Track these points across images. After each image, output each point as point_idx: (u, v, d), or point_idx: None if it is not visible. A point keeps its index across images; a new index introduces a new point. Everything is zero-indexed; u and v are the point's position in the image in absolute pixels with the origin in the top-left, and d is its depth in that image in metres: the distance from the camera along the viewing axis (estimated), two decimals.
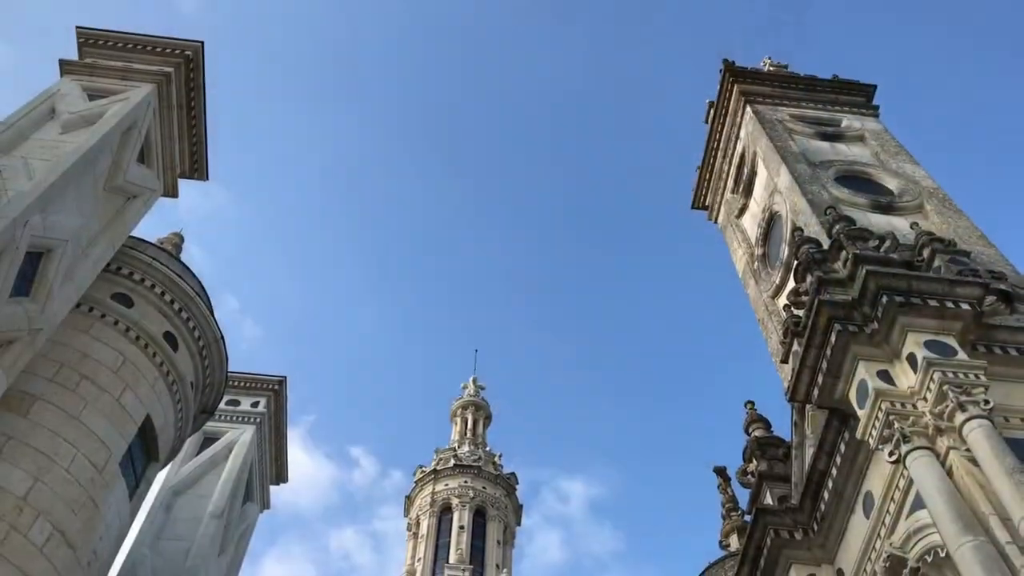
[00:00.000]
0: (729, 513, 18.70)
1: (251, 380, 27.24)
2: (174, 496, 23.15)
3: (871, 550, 11.76)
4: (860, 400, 11.53)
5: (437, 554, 30.78)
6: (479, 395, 39.58)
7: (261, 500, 26.65)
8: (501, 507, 32.82)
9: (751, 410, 16.60)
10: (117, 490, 15.76)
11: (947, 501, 9.78)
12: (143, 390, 16.98)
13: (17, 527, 13.62)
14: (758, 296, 19.73)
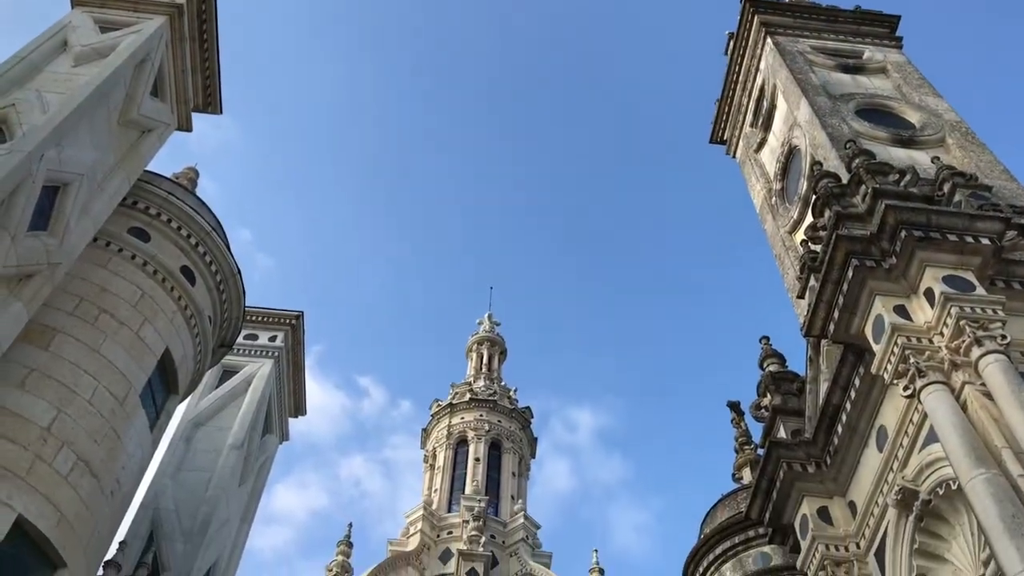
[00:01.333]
0: (742, 447, 18.85)
1: (268, 315, 27.48)
2: (194, 428, 23.56)
3: (883, 483, 11.85)
4: (876, 335, 11.49)
5: (453, 485, 31.27)
6: (494, 331, 39.79)
7: (280, 432, 27.09)
8: (516, 440, 33.20)
9: (766, 345, 16.61)
10: (138, 421, 16.03)
11: (961, 435, 9.80)
12: (161, 324, 17.16)
13: (42, 456, 13.90)
14: (775, 231, 19.60)
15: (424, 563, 26.81)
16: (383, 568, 25.64)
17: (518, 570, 27.02)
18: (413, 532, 28.00)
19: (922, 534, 11.02)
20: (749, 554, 15.63)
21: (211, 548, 21.17)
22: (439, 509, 29.53)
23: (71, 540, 13.79)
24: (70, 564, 13.72)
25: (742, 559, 15.66)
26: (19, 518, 13.11)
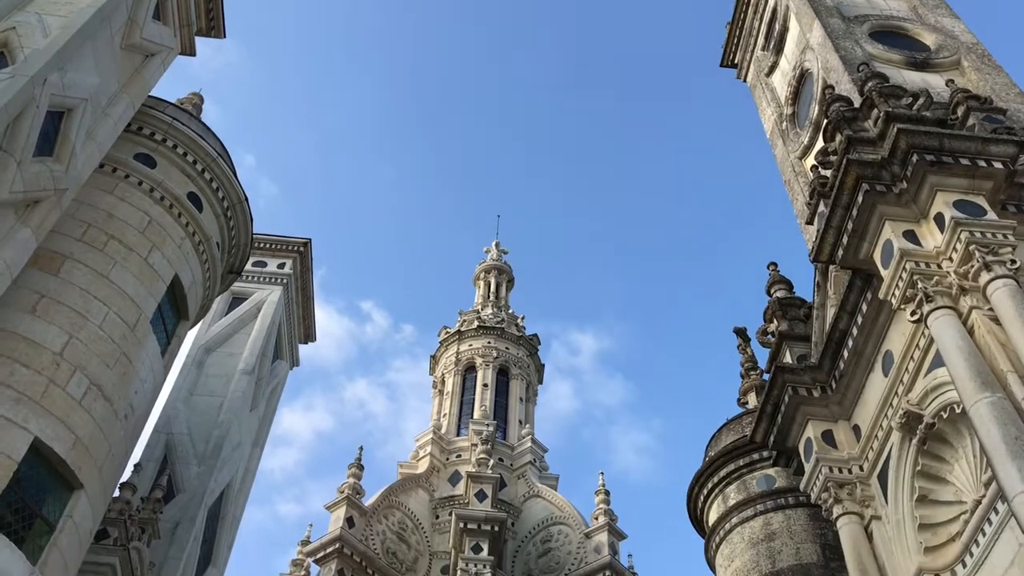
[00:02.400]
0: (748, 372, 18.95)
1: (276, 242, 27.53)
2: (205, 354, 23.82)
3: (888, 407, 11.95)
4: (884, 260, 11.46)
5: (462, 410, 31.65)
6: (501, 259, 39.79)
7: (290, 358, 27.37)
8: (524, 366, 33.49)
9: (774, 271, 16.59)
10: (149, 346, 16.20)
11: (966, 359, 9.85)
12: (170, 250, 17.21)
13: (56, 381, 14.10)
14: (785, 157, 19.42)
15: (434, 485, 27.33)
16: (394, 489, 26.13)
17: (525, 492, 27.53)
18: (423, 455, 28.45)
19: (925, 456, 11.16)
20: (753, 476, 15.87)
21: (224, 470, 21.61)
22: (448, 433, 29.96)
23: (87, 462, 14.07)
24: (86, 485, 14.02)
25: (746, 481, 15.89)
26: (35, 441, 13.36)
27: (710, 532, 16.36)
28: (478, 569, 22.19)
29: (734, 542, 15.41)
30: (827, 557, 14.06)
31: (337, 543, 22.54)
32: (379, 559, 23.62)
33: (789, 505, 15.03)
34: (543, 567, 25.27)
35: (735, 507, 15.66)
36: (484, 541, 22.84)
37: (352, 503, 23.77)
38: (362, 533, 23.64)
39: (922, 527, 11.00)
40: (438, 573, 25.25)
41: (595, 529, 24.68)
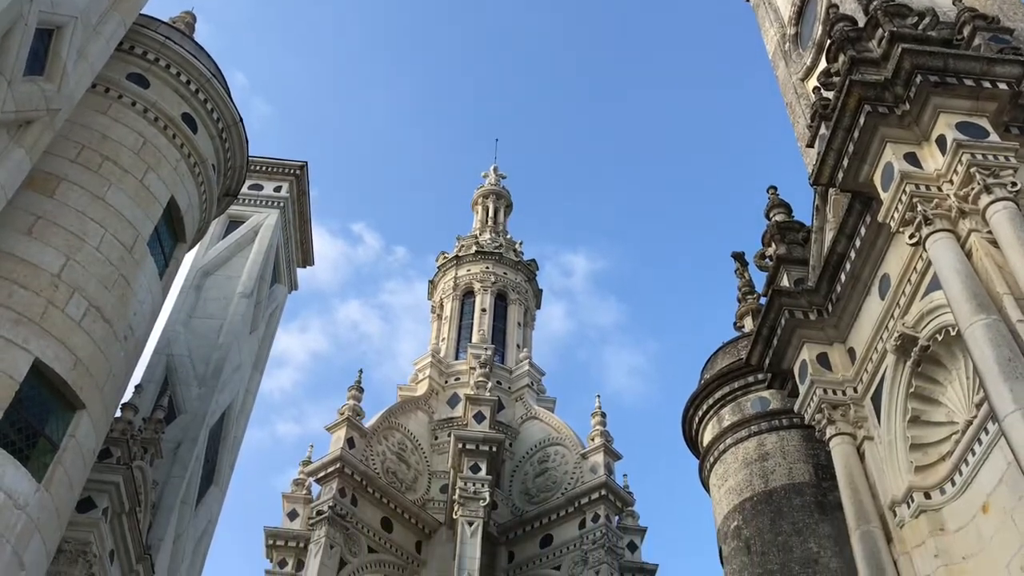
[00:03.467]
0: (745, 296, 19.01)
1: (272, 165, 27.34)
2: (204, 277, 23.86)
3: (883, 330, 12.03)
4: (885, 183, 11.40)
5: (460, 334, 31.84)
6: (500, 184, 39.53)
7: (288, 282, 27.43)
8: (522, 292, 33.58)
9: (773, 195, 16.51)
10: (147, 268, 16.21)
11: (963, 282, 9.87)
12: (165, 172, 17.09)
13: (54, 302, 14.13)
14: (787, 78, 19.13)
15: (433, 407, 27.66)
16: (393, 411, 26.46)
17: (523, 414, 27.89)
18: (422, 378, 28.72)
19: (918, 378, 11.28)
20: (748, 398, 16.05)
21: (225, 392, 21.84)
22: (447, 357, 30.19)
23: (88, 383, 14.19)
24: (88, 405, 14.18)
25: (740, 403, 16.09)
26: (36, 361, 13.46)
27: (704, 452, 16.62)
28: (476, 488, 22.60)
29: (728, 462, 15.67)
30: (819, 477, 14.31)
31: (338, 463, 22.90)
32: (379, 478, 24.04)
33: (783, 426, 15.24)
34: (540, 486, 25.74)
35: (729, 428, 15.88)
36: (482, 461, 23.22)
37: (352, 424, 24.08)
38: (362, 453, 24.01)
39: (913, 447, 11.17)
40: (437, 492, 25.73)
41: (591, 450, 25.07)
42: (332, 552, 21.84)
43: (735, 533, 14.65)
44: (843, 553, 12.86)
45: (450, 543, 23.48)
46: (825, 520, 13.76)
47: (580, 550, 23.28)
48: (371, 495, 23.57)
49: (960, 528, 10.39)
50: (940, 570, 10.25)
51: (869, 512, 11.38)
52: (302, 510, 25.73)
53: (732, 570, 14.50)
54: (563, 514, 24.22)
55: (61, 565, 14.88)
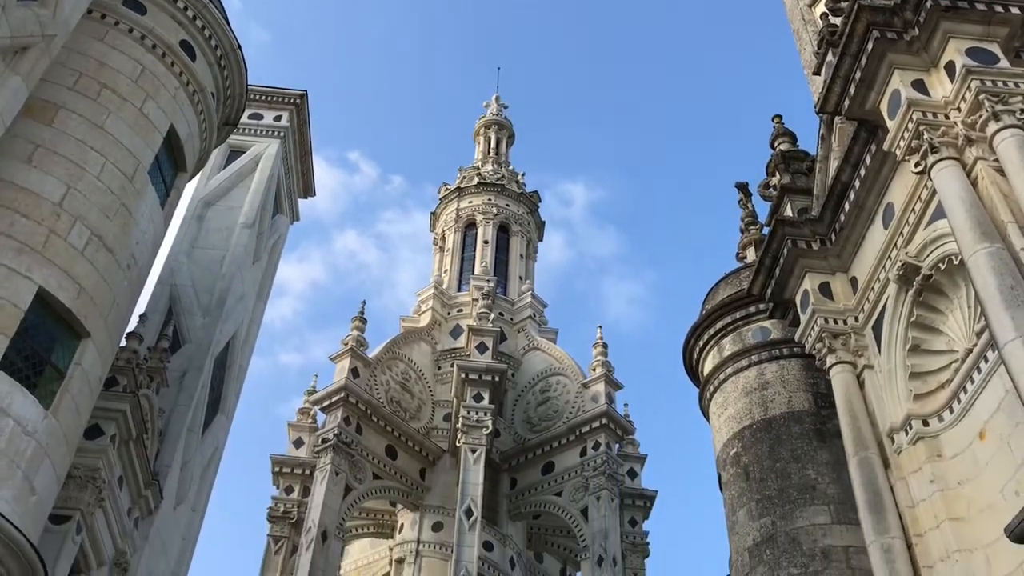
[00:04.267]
0: (748, 227, 18.94)
1: (272, 94, 27.04)
2: (205, 207, 23.80)
3: (886, 259, 12.02)
4: (891, 111, 11.27)
5: (463, 266, 31.87)
6: (502, 114, 39.10)
7: (290, 212, 27.35)
8: (524, 223, 33.50)
9: (778, 124, 16.34)
10: (148, 198, 16.15)
11: (968, 210, 9.82)
12: (164, 100, 16.90)
13: (56, 231, 14.12)
14: (795, 4, 18.78)
15: (436, 338, 27.84)
16: (397, 342, 26.64)
17: (525, 345, 28.07)
18: (424, 310, 28.86)
19: (920, 308, 11.31)
20: (749, 328, 16.10)
21: (229, 322, 21.95)
22: (449, 289, 30.28)
23: (92, 311, 14.26)
24: (93, 334, 14.26)
25: (742, 333, 16.15)
26: (40, 290, 13.50)
27: (704, 382, 16.75)
28: (479, 416, 22.88)
29: (728, 391, 15.79)
30: (818, 405, 14.44)
31: (342, 392, 23.15)
32: (383, 407, 24.32)
33: (783, 356, 15.31)
34: (542, 415, 26.05)
35: (730, 358, 15.97)
36: (485, 391, 23.46)
37: (356, 355, 24.27)
38: (366, 383, 24.25)
39: (913, 375, 11.26)
40: (440, 420, 26.05)
41: (592, 380, 25.30)
42: (337, 479, 22.21)
43: (734, 460, 14.85)
44: (841, 479, 13.04)
45: (453, 470, 23.87)
46: (823, 447, 13.93)
47: (581, 477, 23.67)
48: (375, 423, 23.87)
49: (956, 454, 10.53)
50: (936, 495, 10.41)
51: (867, 439, 11.53)
52: (307, 438, 26.11)
53: (731, 496, 14.73)
54: (564, 442, 24.56)
55: (71, 490, 15.15)
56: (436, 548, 23.53)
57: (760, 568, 13.24)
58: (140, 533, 17.75)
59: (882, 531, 10.60)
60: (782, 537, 13.22)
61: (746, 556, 13.68)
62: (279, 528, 24.30)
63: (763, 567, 13.18)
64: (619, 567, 21.98)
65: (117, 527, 16.72)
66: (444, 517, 23.87)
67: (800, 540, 13.02)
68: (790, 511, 13.40)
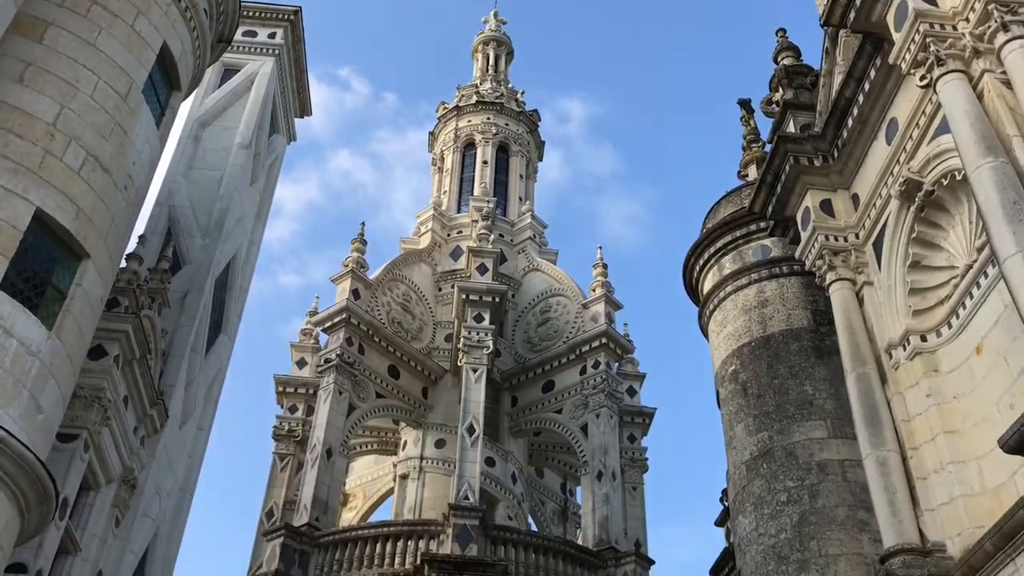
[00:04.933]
0: (750, 144, 18.77)
1: (266, 10, 26.49)
2: (201, 127, 23.53)
3: (888, 176, 11.94)
4: (898, 22, 11.05)
5: (462, 187, 31.61)
6: (501, 30, 38.30)
7: (287, 132, 27.06)
8: (523, 143, 33.12)
9: (782, 38, 16.05)
10: (143, 117, 15.94)
11: (972, 124, 9.71)
12: (156, 16, 16.54)
13: (52, 152, 13.97)
14: None
15: (436, 260, 27.82)
16: (397, 264, 26.62)
17: (525, 266, 28.07)
18: (424, 231, 28.76)
19: (921, 224, 11.29)
20: (749, 247, 16.09)
21: (228, 243, 21.92)
22: (448, 210, 30.11)
23: (91, 232, 14.20)
24: (93, 255, 14.22)
25: (742, 251, 16.14)
26: (38, 211, 13.41)
27: (704, 300, 16.81)
28: (480, 337, 23.03)
29: (727, 309, 15.86)
30: (817, 322, 14.51)
31: (344, 313, 23.25)
32: (385, 328, 24.46)
33: (783, 274, 15.33)
34: (542, 335, 26.22)
35: (730, 276, 15.99)
36: (485, 311, 23.55)
37: (357, 276, 24.31)
38: (367, 304, 24.34)
39: (912, 292, 11.30)
40: (442, 341, 26.23)
41: (592, 300, 25.38)
42: (341, 398, 22.47)
43: (732, 377, 14.99)
44: (838, 395, 13.19)
45: (455, 389, 24.14)
46: (821, 364, 14.04)
47: (581, 395, 23.94)
48: (377, 344, 24.04)
49: (953, 369, 10.64)
50: (931, 409, 10.55)
51: (865, 355, 11.62)
52: (310, 359, 26.32)
53: (728, 412, 14.92)
54: (564, 361, 24.77)
55: (77, 410, 15.32)
56: (439, 464, 23.94)
57: (757, 481, 13.49)
58: (147, 451, 18.05)
59: (878, 444, 10.77)
60: (779, 451, 13.44)
61: (743, 470, 13.92)
62: (284, 446, 24.68)
63: (760, 480, 13.43)
64: (618, 481, 22.41)
65: (124, 445, 16.98)
66: (446, 434, 24.22)
67: (797, 454, 13.23)
68: (787, 426, 13.59)
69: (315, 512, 20.52)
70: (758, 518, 13.19)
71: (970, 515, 9.60)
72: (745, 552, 13.38)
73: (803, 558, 12.25)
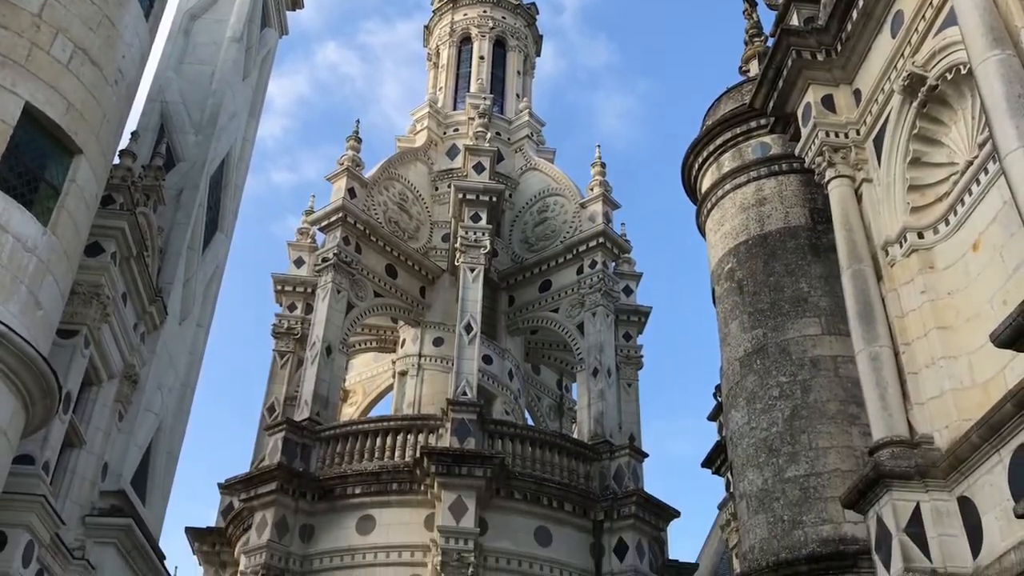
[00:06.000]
0: (752, 39, 18.39)
1: None
2: (191, 20, 22.95)
3: (891, 70, 11.72)
4: None
5: (458, 84, 31.06)
6: None
7: (278, 25, 26.41)
8: (521, 37, 32.40)
9: None
10: (131, 9, 15.54)
11: (980, 15, 9.47)
12: None
13: (39, 44, 13.66)
14: None
15: (432, 158, 27.55)
16: (393, 162, 26.37)
17: (523, 165, 27.80)
18: (420, 129, 28.37)
19: (923, 119, 11.14)
20: (749, 144, 15.95)
21: (222, 139, 21.65)
22: (444, 107, 29.64)
23: (82, 127, 14.01)
24: (85, 150, 14.06)
25: (741, 149, 16.00)
26: (27, 105, 13.20)
27: (702, 199, 16.75)
28: (477, 236, 23.00)
29: (725, 207, 15.82)
30: (814, 220, 14.51)
31: (340, 212, 23.16)
32: (382, 227, 24.41)
33: (782, 171, 15.25)
34: (539, 235, 26.20)
35: (729, 174, 15.91)
36: (482, 211, 23.47)
37: (352, 174, 24.12)
38: (364, 203, 24.22)
39: (911, 188, 11.24)
40: (439, 241, 26.22)
41: (590, 199, 25.26)
42: (339, 296, 22.60)
43: (728, 275, 15.06)
44: (833, 292, 13.29)
45: (453, 288, 24.25)
46: (817, 262, 14.10)
47: (578, 294, 24.07)
48: (374, 243, 24.03)
49: (949, 266, 10.67)
50: (925, 305, 10.62)
51: (862, 252, 11.63)
52: (307, 258, 26.37)
53: (724, 309, 15.04)
54: (562, 261, 24.82)
55: (76, 306, 15.39)
56: (437, 361, 24.25)
57: (750, 377, 13.70)
58: (147, 348, 18.22)
59: (871, 340, 10.87)
60: (772, 348, 13.61)
61: (737, 366, 14.12)
62: (284, 343, 24.95)
63: (753, 376, 13.64)
64: (613, 378, 22.73)
65: (124, 341, 17.13)
66: (444, 333, 24.45)
67: (790, 350, 13.41)
68: (781, 323, 13.73)
69: (316, 407, 20.88)
70: (750, 412, 13.44)
71: (959, 408, 9.76)
72: (737, 445, 13.69)
73: (793, 451, 12.54)
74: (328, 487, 19.54)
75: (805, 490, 12.18)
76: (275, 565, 18.67)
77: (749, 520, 12.84)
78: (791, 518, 12.12)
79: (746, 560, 12.73)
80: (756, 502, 12.72)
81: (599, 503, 20.04)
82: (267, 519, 19.03)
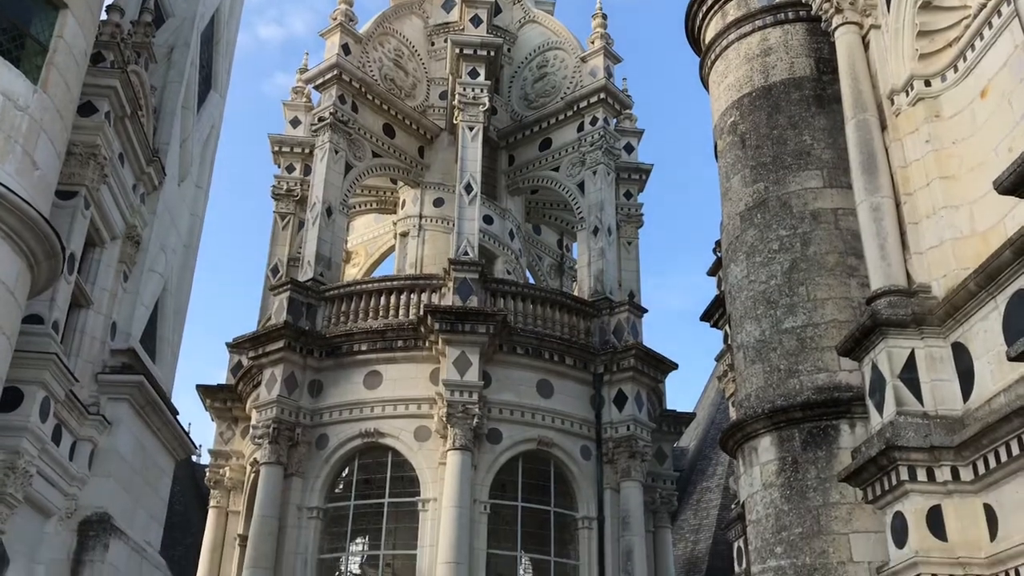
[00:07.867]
0: None
1: None
2: None
3: None
4: None
5: None
6: None
7: None
8: None
9: None
10: None
11: None
12: None
13: None
14: None
15: (427, 12, 26.68)
16: (387, 16, 25.60)
17: (521, 17, 26.95)
18: None
19: None
20: None
21: None
22: None
23: None
24: (70, 4, 13.50)
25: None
26: None
27: (706, 50, 16.34)
28: (475, 93, 22.60)
29: (729, 58, 15.45)
30: (820, 71, 14.19)
31: (335, 70, 22.68)
32: (378, 85, 23.94)
33: (788, 20, 14.80)
34: (539, 91, 25.70)
35: (734, 23, 15.45)
36: (480, 66, 22.97)
37: (346, 30, 23.48)
38: (359, 60, 23.68)
39: (921, 34, 10.95)
40: (436, 99, 25.77)
41: (591, 53, 24.64)
42: (337, 156, 22.41)
43: (731, 128, 14.86)
44: (836, 144, 13.15)
45: (452, 148, 24.01)
46: (821, 113, 13.87)
47: (578, 152, 23.84)
48: (371, 102, 23.63)
49: (955, 114, 10.52)
50: (929, 155, 10.54)
51: (867, 101, 11.45)
52: (304, 117, 26.01)
53: (725, 164, 14.91)
54: (562, 118, 24.45)
55: (73, 167, 15.23)
56: (438, 222, 24.26)
57: (750, 231, 13.73)
58: (148, 208, 18.14)
59: (873, 190, 10.84)
60: (773, 201, 13.57)
61: (737, 220, 14.12)
62: (284, 205, 24.92)
63: (753, 230, 13.66)
64: (613, 236, 22.79)
65: (124, 202, 17.07)
66: (444, 193, 24.37)
67: (791, 204, 13.37)
68: (783, 176, 13.64)
69: (319, 268, 21.04)
70: (749, 266, 13.53)
71: (957, 257, 9.83)
72: (735, 298, 13.85)
73: (791, 302, 12.69)
74: (335, 344, 19.93)
75: (802, 340, 12.39)
76: (286, 419, 19.26)
77: (746, 370, 13.13)
78: (787, 367, 12.38)
79: (742, 408, 13.07)
80: (753, 352, 12.97)
81: (599, 357, 20.47)
82: (276, 375, 19.51)
